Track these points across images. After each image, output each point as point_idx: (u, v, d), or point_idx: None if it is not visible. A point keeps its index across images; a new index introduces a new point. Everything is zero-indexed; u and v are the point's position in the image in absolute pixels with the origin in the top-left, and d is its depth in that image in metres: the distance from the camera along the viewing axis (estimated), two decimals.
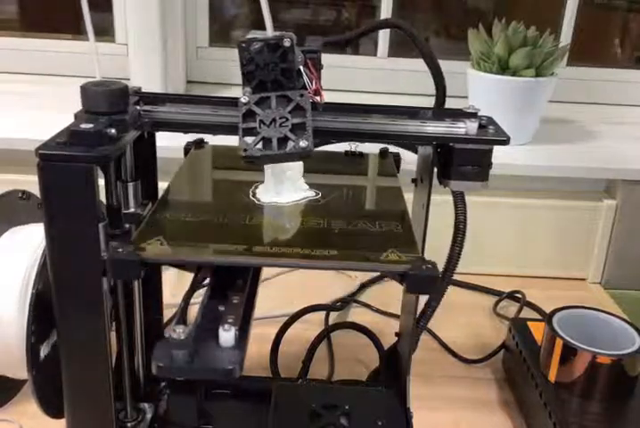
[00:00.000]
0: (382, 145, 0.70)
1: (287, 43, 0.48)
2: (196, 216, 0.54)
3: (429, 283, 0.47)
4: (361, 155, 0.70)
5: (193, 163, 0.67)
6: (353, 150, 0.70)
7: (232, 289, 0.52)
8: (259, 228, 0.53)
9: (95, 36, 0.54)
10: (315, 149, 0.72)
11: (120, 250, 0.46)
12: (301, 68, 0.49)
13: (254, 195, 0.58)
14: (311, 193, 0.59)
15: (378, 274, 0.94)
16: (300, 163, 0.58)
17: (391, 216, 0.56)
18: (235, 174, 0.64)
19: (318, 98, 0.51)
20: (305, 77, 0.50)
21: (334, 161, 0.70)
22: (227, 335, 0.45)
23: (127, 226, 0.55)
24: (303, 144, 0.47)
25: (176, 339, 0.44)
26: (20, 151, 0.93)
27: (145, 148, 0.58)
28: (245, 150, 0.47)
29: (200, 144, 0.69)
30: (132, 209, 0.57)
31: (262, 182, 0.58)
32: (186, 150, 0.69)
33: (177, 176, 0.62)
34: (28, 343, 0.53)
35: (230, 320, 0.47)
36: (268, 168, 0.57)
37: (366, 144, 0.69)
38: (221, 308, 0.49)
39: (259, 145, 0.48)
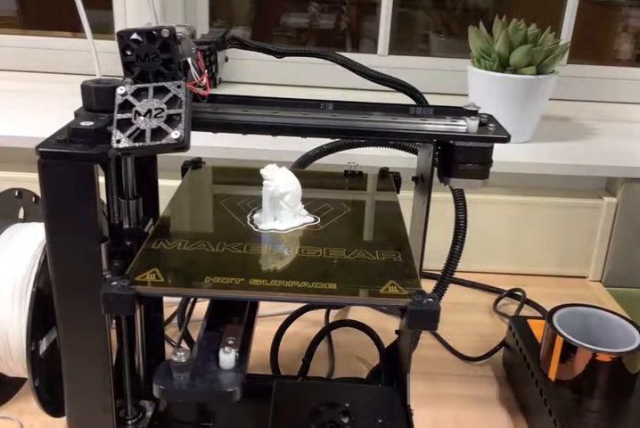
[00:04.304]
0: (382, 165, 0.70)
1: (166, 34, 0.47)
2: (193, 245, 0.53)
3: (430, 318, 0.46)
4: (360, 175, 0.70)
5: (191, 186, 0.67)
6: (352, 169, 0.69)
7: (232, 309, 0.52)
8: (257, 258, 0.52)
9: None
10: (313, 162, 0.72)
11: (115, 283, 0.45)
12: (189, 60, 0.49)
13: (252, 221, 0.58)
14: (310, 219, 0.59)
15: None
16: (299, 188, 0.58)
17: (391, 243, 0.56)
18: (234, 197, 0.63)
19: (202, 89, 0.50)
20: (192, 68, 0.49)
21: (333, 182, 0.69)
22: (228, 358, 0.46)
23: (129, 243, 0.54)
24: (175, 135, 0.46)
25: (177, 362, 0.45)
26: (18, 149, 0.93)
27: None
28: (118, 141, 0.46)
29: (197, 163, 0.69)
30: (133, 226, 0.56)
31: (260, 207, 0.58)
32: (183, 169, 0.68)
33: (174, 199, 0.62)
34: (27, 342, 0.53)
35: (230, 342, 0.47)
36: (267, 193, 0.56)
37: (366, 162, 0.69)
38: (221, 329, 0.49)
39: (133, 137, 0.46)
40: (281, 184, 0.56)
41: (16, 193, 0.64)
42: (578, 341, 0.66)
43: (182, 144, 0.46)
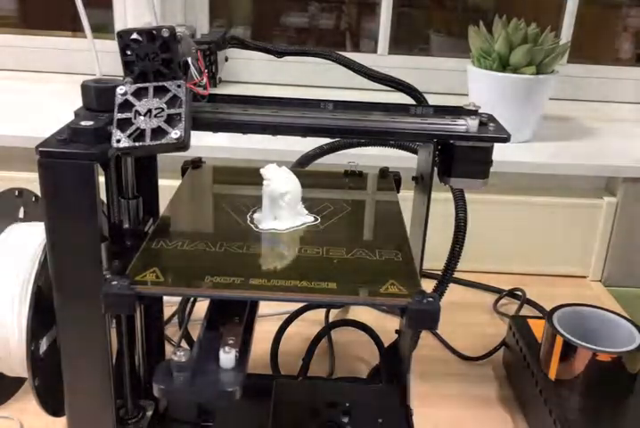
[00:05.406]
0: (382, 165, 0.70)
1: (166, 33, 0.47)
2: (193, 244, 0.53)
3: (430, 318, 0.45)
4: (360, 174, 0.70)
5: (191, 185, 0.67)
6: (352, 169, 0.69)
7: (232, 309, 0.52)
8: (257, 258, 0.52)
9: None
10: (312, 162, 0.73)
11: (115, 283, 0.45)
12: (189, 59, 0.49)
13: (252, 221, 0.57)
14: (310, 219, 0.58)
15: None
16: (299, 188, 0.58)
17: (391, 242, 0.55)
18: (233, 197, 0.63)
19: (202, 89, 0.50)
20: (192, 68, 0.49)
21: (333, 182, 0.69)
22: (228, 357, 0.46)
23: (129, 243, 0.54)
24: (175, 135, 0.46)
25: (177, 362, 0.45)
26: (18, 149, 0.93)
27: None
28: (118, 140, 0.46)
29: (197, 163, 0.69)
30: (133, 226, 0.56)
31: (260, 207, 0.58)
32: (183, 169, 0.68)
33: (174, 199, 0.61)
34: (27, 342, 0.53)
35: (230, 341, 0.47)
36: (266, 193, 0.56)
37: (366, 162, 0.69)
38: (221, 329, 0.49)
39: (133, 136, 0.46)
40: (281, 184, 0.56)
41: (16, 193, 0.64)
42: (578, 340, 0.66)
43: (182, 144, 0.46)
